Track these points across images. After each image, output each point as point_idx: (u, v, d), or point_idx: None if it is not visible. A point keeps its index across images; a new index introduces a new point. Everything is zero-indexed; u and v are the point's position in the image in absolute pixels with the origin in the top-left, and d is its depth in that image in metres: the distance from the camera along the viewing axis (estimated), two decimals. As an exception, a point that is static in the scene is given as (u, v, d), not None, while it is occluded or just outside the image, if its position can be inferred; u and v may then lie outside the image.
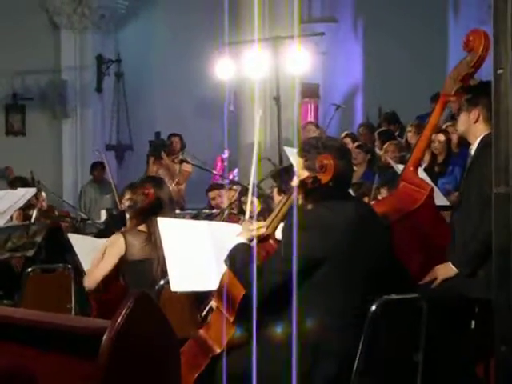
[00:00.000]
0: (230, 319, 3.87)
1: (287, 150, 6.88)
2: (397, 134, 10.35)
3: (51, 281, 6.42)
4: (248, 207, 4.98)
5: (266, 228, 3.95)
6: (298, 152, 3.91)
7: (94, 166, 12.50)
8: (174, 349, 2.59)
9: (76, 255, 5.79)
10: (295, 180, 3.86)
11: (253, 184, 5.02)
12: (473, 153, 4.51)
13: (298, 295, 3.57)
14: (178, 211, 9.38)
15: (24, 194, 7.03)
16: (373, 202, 6.50)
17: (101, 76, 14.15)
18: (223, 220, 7.06)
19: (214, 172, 10.69)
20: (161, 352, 2.48)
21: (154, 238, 5.18)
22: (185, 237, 4.69)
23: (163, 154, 11.00)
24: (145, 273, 5.17)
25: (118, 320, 2.34)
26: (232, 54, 10.12)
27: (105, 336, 2.33)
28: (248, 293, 3.75)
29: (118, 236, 5.28)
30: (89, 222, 8.74)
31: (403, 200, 4.67)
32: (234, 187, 8.61)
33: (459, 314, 4.33)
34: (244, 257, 3.86)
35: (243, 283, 3.81)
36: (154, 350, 2.46)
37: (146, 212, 5.31)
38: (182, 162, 10.58)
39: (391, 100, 12.20)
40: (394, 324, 3.89)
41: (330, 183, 3.78)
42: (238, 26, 10.13)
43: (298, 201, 3.84)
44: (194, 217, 7.85)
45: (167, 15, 14.32)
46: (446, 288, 4.35)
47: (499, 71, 3.07)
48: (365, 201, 6.64)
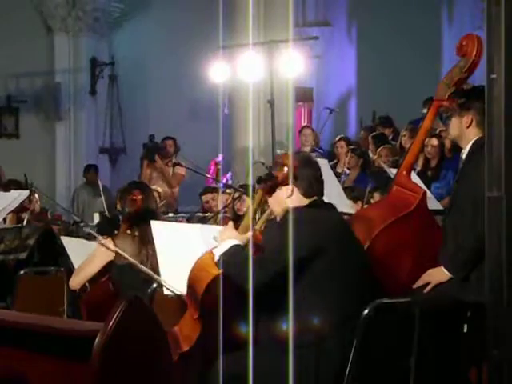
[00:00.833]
0: (195, 316, 3.90)
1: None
2: (391, 138, 10.35)
3: (44, 284, 6.42)
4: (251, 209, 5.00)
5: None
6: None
7: (87, 168, 12.49)
8: (166, 351, 2.59)
9: (69, 257, 5.80)
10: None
11: (251, 186, 5.06)
12: (464, 157, 4.51)
13: (294, 294, 3.59)
14: (171, 214, 9.41)
15: (17, 197, 7.02)
16: (366, 205, 6.51)
17: (95, 79, 14.13)
18: (217, 223, 7.07)
19: (208, 175, 10.69)
20: (153, 354, 2.48)
21: (146, 242, 5.20)
22: (178, 240, 4.70)
23: (157, 157, 11.00)
24: (136, 276, 5.18)
25: (111, 323, 2.35)
26: (226, 57, 10.13)
27: (97, 339, 2.34)
28: (247, 287, 3.76)
29: (109, 241, 5.31)
30: (82, 224, 8.73)
31: (396, 204, 4.68)
32: (228, 191, 8.61)
33: (451, 317, 4.33)
34: (239, 258, 3.88)
35: (241, 283, 3.81)
36: (146, 352, 2.46)
37: (135, 217, 5.34)
38: (175, 165, 10.57)
39: (385, 104, 12.22)
40: (386, 328, 3.90)
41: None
42: (233, 30, 10.14)
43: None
44: (187, 220, 7.86)
45: (161, 18, 14.31)
46: (438, 292, 4.36)
47: (492, 76, 3.08)
48: (357, 205, 6.67)
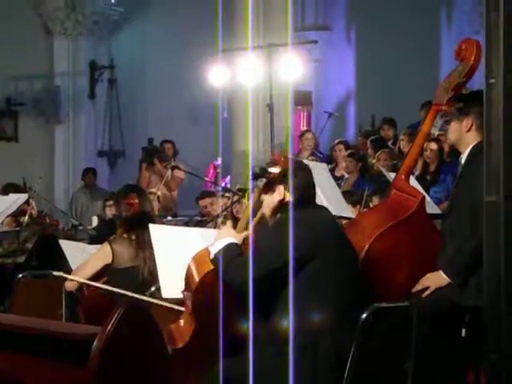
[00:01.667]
0: (188, 310, 3.92)
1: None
2: (391, 142, 10.35)
3: (42, 287, 6.41)
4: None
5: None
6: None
7: (86, 171, 12.49)
8: (164, 355, 2.59)
9: (67, 261, 5.80)
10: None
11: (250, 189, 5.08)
12: (463, 161, 4.51)
13: (293, 293, 3.61)
14: (169, 218, 9.41)
15: (16, 200, 7.02)
16: (364, 209, 6.51)
17: (94, 82, 14.14)
18: (217, 228, 7.06)
19: (207, 179, 10.69)
20: (151, 358, 2.48)
21: (143, 245, 5.21)
22: (176, 244, 4.70)
23: (156, 161, 11.00)
24: (133, 280, 5.19)
25: (109, 327, 2.35)
26: (225, 61, 10.13)
27: (95, 342, 2.34)
28: (237, 288, 3.78)
29: (106, 245, 5.32)
30: (80, 228, 8.73)
31: (395, 208, 4.68)
32: (227, 194, 8.60)
33: (450, 321, 4.33)
34: (233, 254, 3.91)
35: (231, 279, 3.83)
36: (143, 356, 2.46)
37: (132, 221, 5.35)
38: (174, 168, 10.58)
39: (384, 108, 12.22)
40: (384, 332, 3.90)
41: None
42: (232, 33, 10.15)
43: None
44: (185, 224, 7.85)
45: (161, 22, 14.32)
46: (437, 296, 4.36)
47: (491, 80, 3.08)
48: (356, 209, 6.66)
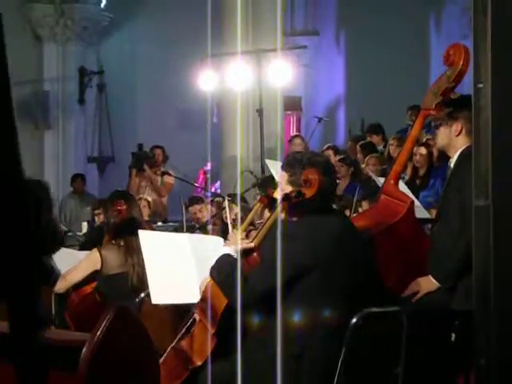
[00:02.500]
0: (212, 331, 3.87)
1: (269, 162, 6.90)
2: (382, 147, 10.36)
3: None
4: (229, 218, 4.99)
5: (251, 241, 3.97)
6: (283, 166, 3.95)
7: (75, 177, 12.47)
8: (154, 361, 2.58)
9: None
10: (279, 193, 3.89)
11: (239, 195, 5.06)
12: (452, 165, 4.52)
13: (283, 305, 3.58)
14: (160, 223, 9.39)
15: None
16: (354, 215, 6.51)
17: (83, 88, 14.13)
18: (206, 233, 7.06)
19: (196, 184, 10.68)
20: (140, 365, 2.48)
21: (131, 251, 5.21)
22: (165, 249, 4.69)
23: (145, 166, 10.98)
24: (122, 286, 5.19)
25: (98, 333, 2.34)
26: (215, 66, 10.13)
27: (84, 349, 2.33)
28: (232, 303, 3.76)
29: (94, 251, 5.33)
30: (69, 234, 8.70)
31: (384, 213, 4.69)
32: (217, 199, 8.59)
33: (439, 326, 4.34)
34: (229, 268, 3.86)
35: (227, 294, 3.82)
36: (133, 362, 2.46)
37: (120, 227, 5.35)
38: (164, 174, 10.56)
39: (373, 112, 12.25)
40: (374, 337, 3.90)
41: (313, 198, 3.81)
42: (222, 39, 10.15)
43: (282, 214, 3.88)
44: (175, 230, 7.85)
45: (150, 27, 14.33)
46: (427, 301, 4.36)
47: (479, 85, 3.08)
48: (346, 214, 6.67)
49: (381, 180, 6.06)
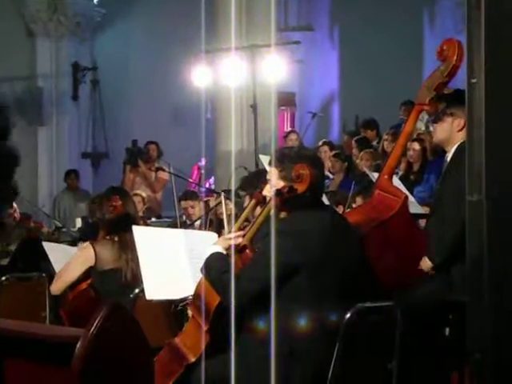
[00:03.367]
0: (205, 328, 3.88)
1: (263, 158, 6.90)
2: (376, 142, 10.37)
3: (26, 289, 6.39)
4: (226, 215, 4.99)
5: (242, 238, 3.96)
6: (273, 162, 3.94)
7: (68, 174, 12.46)
8: (148, 357, 2.58)
9: (50, 263, 5.79)
10: (269, 189, 3.89)
11: (233, 191, 5.05)
12: (449, 159, 4.53)
13: (275, 302, 3.57)
14: (154, 219, 9.39)
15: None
16: (348, 210, 6.52)
17: (77, 84, 14.11)
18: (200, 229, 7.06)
19: (191, 180, 10.67)
20: (134, 361, 2.48)
21: (125, 247, 5.21)
22: (160, 245, 4.69)
23: (140, 162, 10.98)
24: (116, 282, 5.19)
25: (92, 329, 2.34)
26: (209, 61, 10.13)
27: (78, 345, 2.32)
28: (224, 301, 3.77)
29: (88, 246, 5.31)
30: (64, 230, 8.71)
31: (378, 208, 4.69)
32: (205, 199, 8.59)
33: (433, 321, 4.35)
34: (220, 265, 3.86)
35: (219, 292, 3.82)
36: (127, 358, 2.45)
37: (114, 223, 5.34)
38: (158, 169, 10.56)
39: (368, 108, 12.25)
40: (368, 332, 3.90)
41: (305, 192, 3.81)
42: (215, 34, 10.14)
43: (273, 210, 3.88)
44: (169, 226, 7.84)
45: (143, 23, 14.31)
46: (421, 295, 4.37)
47: (473, 80, 3.08)
48: (339, 209, 6.67)
49: (375, 175, 6.06)
